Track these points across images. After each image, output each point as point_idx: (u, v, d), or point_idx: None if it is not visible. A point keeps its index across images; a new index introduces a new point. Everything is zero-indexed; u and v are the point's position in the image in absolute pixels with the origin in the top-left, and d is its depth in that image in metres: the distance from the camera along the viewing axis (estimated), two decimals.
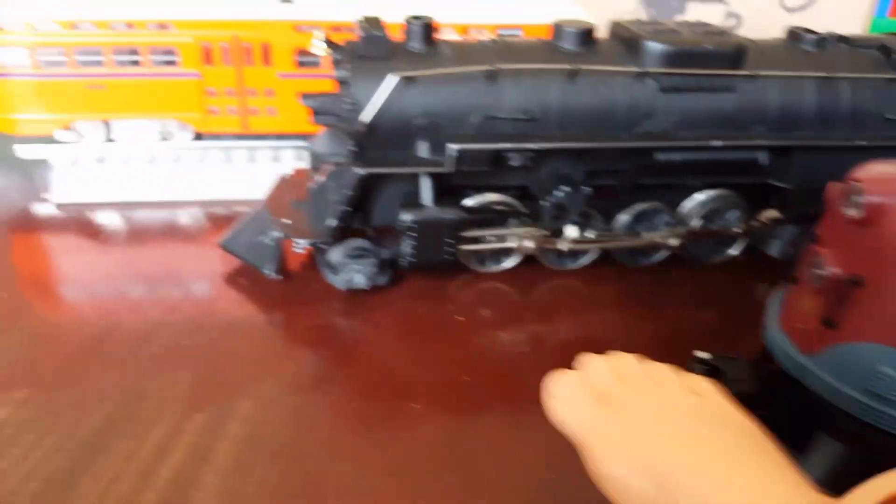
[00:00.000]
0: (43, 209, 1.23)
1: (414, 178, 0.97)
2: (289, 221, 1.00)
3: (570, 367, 0.59)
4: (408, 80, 0.92)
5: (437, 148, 0.95)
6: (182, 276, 1.06)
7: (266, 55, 1.23)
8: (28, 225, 1.20)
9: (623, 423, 0.50)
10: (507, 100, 0.96)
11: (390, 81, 0.90)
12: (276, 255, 1.01)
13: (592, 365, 0.57)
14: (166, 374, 0.85)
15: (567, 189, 0.99)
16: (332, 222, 0.96)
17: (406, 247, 0.98)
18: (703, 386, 0.54)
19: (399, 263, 1.01)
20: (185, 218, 1.22)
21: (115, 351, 0.89)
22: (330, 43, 0.94)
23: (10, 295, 1.00)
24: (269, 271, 1.01)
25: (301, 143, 1.34)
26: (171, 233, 1.18)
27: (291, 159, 1.32)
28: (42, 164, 1.28)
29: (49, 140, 1.26)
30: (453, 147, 0.93)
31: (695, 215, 1.09)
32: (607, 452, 0.49)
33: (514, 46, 0.99)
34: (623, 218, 1.08)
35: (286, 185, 1.12)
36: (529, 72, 0.96)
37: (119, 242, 1.15)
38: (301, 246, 0.97)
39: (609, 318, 1.03)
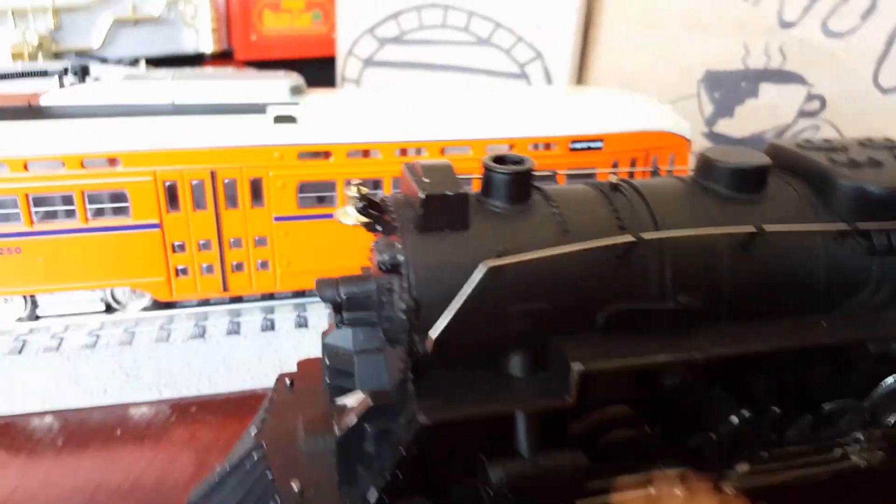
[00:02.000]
0: None
1: None
2: (297, 488, 0.62)
3: None
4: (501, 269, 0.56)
5: (542, 362, 0.59)
6: None
7: (257, 193, 0.87)
8: None
9: None
10: (651, 283, 0.60)
11: (478, 273, 0.54)
12: None
13: None
14: None
15: (746, 414, 0.63)
16: (375, 498, 0.59)
17: None
18: None
19: None
20: (141, 429, 0.84)
21: None
22: (370, 203, 0.58)
23: None
24: None
25: (302, 301, 0.98)
26: (124, 459, 0.80)
27: (291, 331, 0.95)
28: None
29: None
30: (576, 367, 0.56)
31: (887, 410, 0.73)
32: None
33: (647, 194, 0.63)
34: (800, 424, 0.71)
35: (290, 398, 0.75)
36: (687, 240, 0.60)
37: (46, 477, 0.77)
38: None
39: None
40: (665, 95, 1.29)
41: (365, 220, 0.59)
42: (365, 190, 0.58)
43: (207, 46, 1.67)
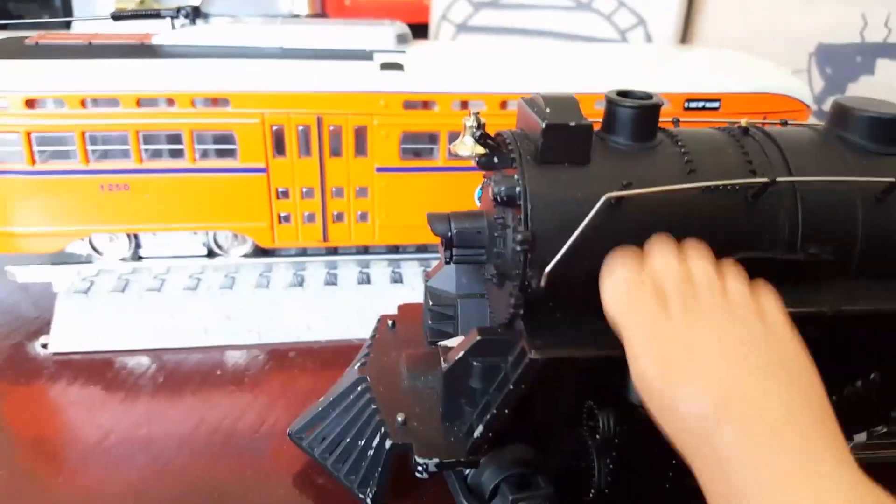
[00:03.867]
0: (42, 354, 0.87)
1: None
2: (402, 418, 0.62)
3: None
4: (619, 202, 0.53)
5: None
6: (234, 484, 0.68)
7: (360, 142, 0.87)
8: (24, 375, 0.84)
9: (678, 332, 0.47)
10: (781, 231, 0.57)
11: (599, 205, 0.52)
12: (380, 473, 0.62)
13: (663, 259, 0.50)
14: None
15: (874, 377, 0.59)
16: (480, 432, 0.57)
17: (600, 470, 0.58)
18: (772, 310, 0.50)
19: (581, 495, 0.61)
20: (239, 372, 0.85)
21: None
22: (487, 137, 0.57)
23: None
24: (368, 498, 0.63)
25: (396, 257, 0.98)
26: (222, 401, 0.80)
27: (386, 285, 0.94)
28: (46, 288, 0.93)
29: (58, 258, 0.92)
30: None
31: None
32: (655, 358, 0.47)
33: (780, 140, 0.60)
34: None
35: (391, 338, 0.74)
36: (819, 186, 0.57)
37: (145, 414, 0.78)
38: (427, 469, 0.58)
39: None
40: None
41: (481, 150, 0.57)
42: (483, 118, 0.56)
43: (302, 9, 1.68)
